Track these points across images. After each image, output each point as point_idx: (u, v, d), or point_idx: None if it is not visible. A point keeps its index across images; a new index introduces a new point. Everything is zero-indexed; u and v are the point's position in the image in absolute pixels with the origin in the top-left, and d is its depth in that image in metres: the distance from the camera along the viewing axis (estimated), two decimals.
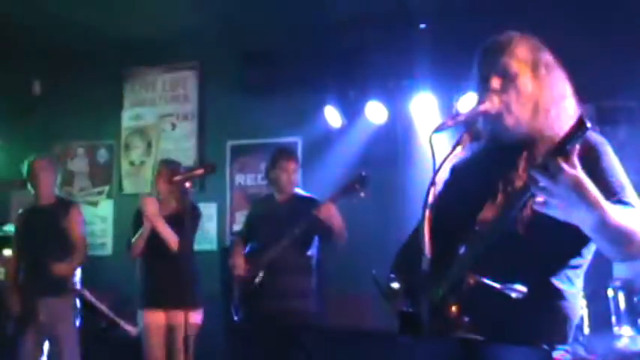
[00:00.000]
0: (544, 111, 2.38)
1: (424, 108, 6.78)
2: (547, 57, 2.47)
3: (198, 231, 5.91)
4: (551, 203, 2.00)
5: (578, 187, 1.97)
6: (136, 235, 5.69)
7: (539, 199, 2.03)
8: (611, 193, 2.19)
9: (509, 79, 2.39)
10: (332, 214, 5.16)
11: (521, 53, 2.42)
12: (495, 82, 2.38)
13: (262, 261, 5.36)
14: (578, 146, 1.95)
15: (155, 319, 5.70)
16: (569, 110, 2.39)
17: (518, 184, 2.27)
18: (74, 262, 5.93)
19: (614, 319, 5.19)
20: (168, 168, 5.85)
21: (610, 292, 5.20)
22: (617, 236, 2.09)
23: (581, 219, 2.06)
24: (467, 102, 6.16)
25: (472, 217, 2.36)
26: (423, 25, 6.92)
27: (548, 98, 2.39)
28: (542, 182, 1.95)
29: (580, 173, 1.97)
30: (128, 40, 7.62)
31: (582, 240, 2.23)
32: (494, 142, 2.46)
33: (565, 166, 1.93)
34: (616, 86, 6.19)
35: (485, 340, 2.21)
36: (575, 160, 1.96)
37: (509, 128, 2.39)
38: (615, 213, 2.06)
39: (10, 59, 7.67)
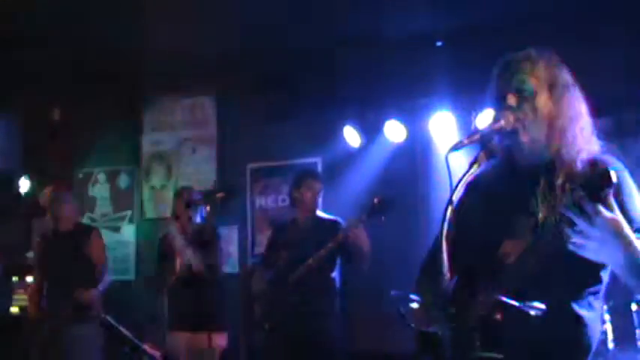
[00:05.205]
0: (560, 131, 2.36)
1: (443, 126, 6.76)
2: (565, 75, 2.45)
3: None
4: (586, 245, 1.99)
5: (615, 230, 1.98)
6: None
7: (574, 240, 2.02)
8: (628, 220, 2.15)
9: (525, 97, 2.37)
10: (361, 236, 5.15)
11: (539, 71, 2.40)
12: (512, 100, 2.37)
13: (288, 283, 5.35)
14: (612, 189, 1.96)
15: (181, 340, 5.74)
16: (586, 131, 2.38)
17: (540, 217, 2.27)
18: (98, 288, 5.96)
19: (638, 333, 5.15)
20: (186, 193, 5.93)
21: (634, 307, 5.16)
22: None
23: (614, 259, 2.06)
24: (485, 119, 6.15)
25: (491, 246, 2.35)
26: (439, 43, 6.93)
27: (565, 118, 2.37)
28: (580, 225, 1.94)
29: (618, 215, 1.97)
30: (147, 66, 7.68)
31: (600, 266, 2.23)
32: (509, 161, 2.45)
33: (603, 210, 1.93)
34: (636, 98, 6.14)
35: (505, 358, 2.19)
36: (612, 201, 1.97)
37: (524, 147, 2.38)
38: None
39: (30, 86, 7.75)
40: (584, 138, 2.34)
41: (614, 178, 1.92)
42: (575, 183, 2.11)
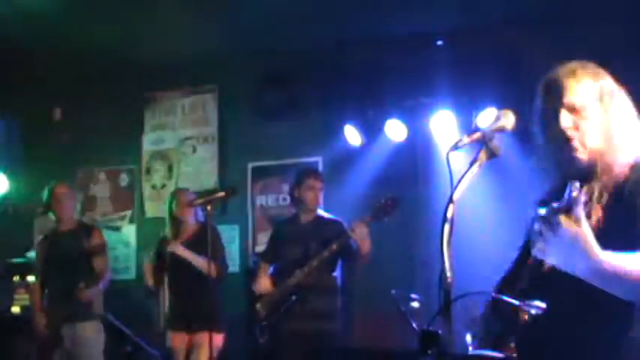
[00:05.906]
0: (611, 139, 2.31)
1: (443, 125, 6.75)
2: (610, 83, 2.39)
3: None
4: (548, 251, 2.01)
5: (575, 242, 1.96)
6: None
7: (539, 245, 2.03)
8: None
9: (578, 114, 2.31)
10: (364, 237, 5.14)
11: (586, 85, 2.34)
12: (566, 119, 2.31)
13: (290, 282, 5.34)
14: (582, 197, 1.97)
15: (180, 340, 5.76)
16: (635, 134, 2.35)
17: None
18: (99, 286, 5.97)
19: None
20: (184, 193, 5.95)
21: None
22: (609, 282, 2.06)
23: (575, 268, 2.04)
24: (486, 118, 6.16)
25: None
26: (440, 42, 6.92)
27: (617, 125, 2.33)
28: (544, 233, 1.97)
29: (582, 227, 1.96)
30: (148, 64, 7.68)
31: None
32: (563, 177, 2.36)
33: (566, 222, 1.93)
34: (637, 97, 6.13)
35: None
36: (580, 212, 1.95)
37: (583, 162, 2.31)
38: (612, 260, 2.02)
39: (31, 85, 7.75)
40: (631, 142, 2.31)
41: (574, 193, 1.92)
42: (609, 188, 2.17)
